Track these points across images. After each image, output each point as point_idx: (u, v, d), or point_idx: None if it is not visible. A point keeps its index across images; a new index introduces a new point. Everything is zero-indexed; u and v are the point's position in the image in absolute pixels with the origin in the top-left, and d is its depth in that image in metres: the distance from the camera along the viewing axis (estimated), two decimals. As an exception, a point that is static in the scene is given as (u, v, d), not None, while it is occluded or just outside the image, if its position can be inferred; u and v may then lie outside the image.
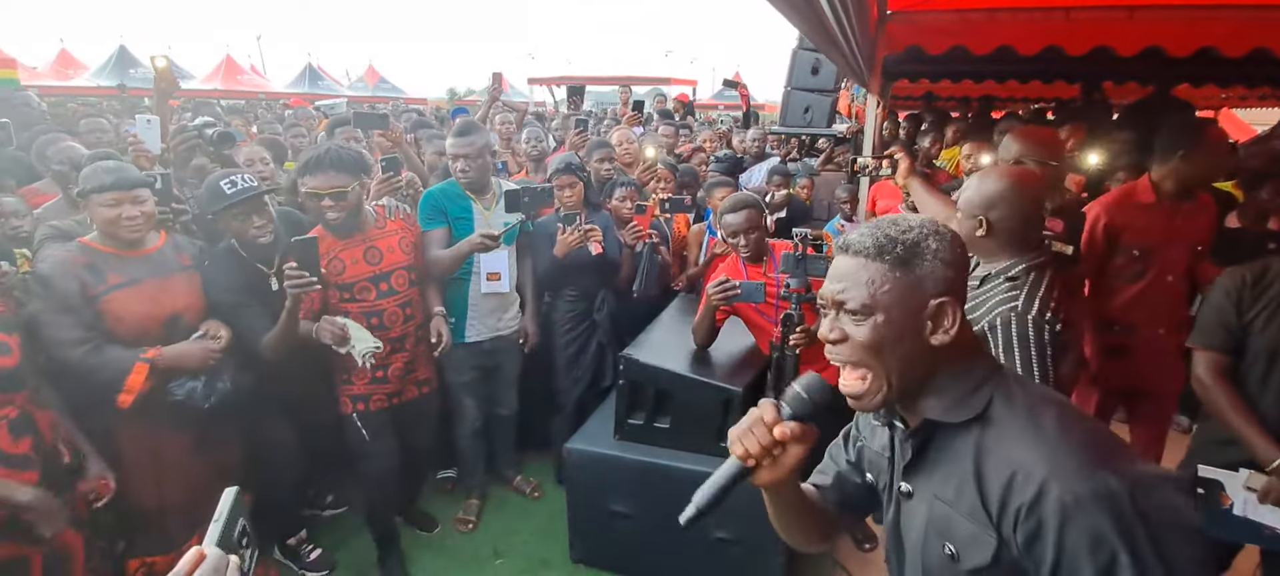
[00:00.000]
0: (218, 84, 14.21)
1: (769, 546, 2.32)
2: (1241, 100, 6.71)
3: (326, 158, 2.21)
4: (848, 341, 0.91)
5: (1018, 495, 0.81)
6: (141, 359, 1.96)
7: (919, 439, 0.94)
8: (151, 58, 2.53)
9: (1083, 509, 0.76)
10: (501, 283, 2.75)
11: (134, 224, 1.99)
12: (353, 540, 2.84)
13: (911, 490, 0.97)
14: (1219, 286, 1.86)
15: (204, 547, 0.73)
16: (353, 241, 2.36)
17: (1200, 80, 4.99)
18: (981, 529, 0.85)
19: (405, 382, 2.54)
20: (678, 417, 2.43)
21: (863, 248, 0.90)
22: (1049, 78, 6.11)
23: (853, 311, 0.90)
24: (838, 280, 0.92)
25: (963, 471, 0.88)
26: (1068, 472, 0.78)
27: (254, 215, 2.19)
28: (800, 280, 2.22)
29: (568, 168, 2.99)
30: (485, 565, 2.73)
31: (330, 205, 2.23)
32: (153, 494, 2.14)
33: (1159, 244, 2.43)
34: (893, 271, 0.89)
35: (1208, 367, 1.84)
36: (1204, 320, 1.88)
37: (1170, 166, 2.38)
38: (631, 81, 8.63)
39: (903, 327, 0.88)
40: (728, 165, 4.45)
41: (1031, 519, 0.79)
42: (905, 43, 3.58)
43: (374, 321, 2.39)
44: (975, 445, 0.87)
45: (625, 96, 6.99)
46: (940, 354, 0.90)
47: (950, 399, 0.90)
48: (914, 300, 0.89)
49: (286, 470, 2.51)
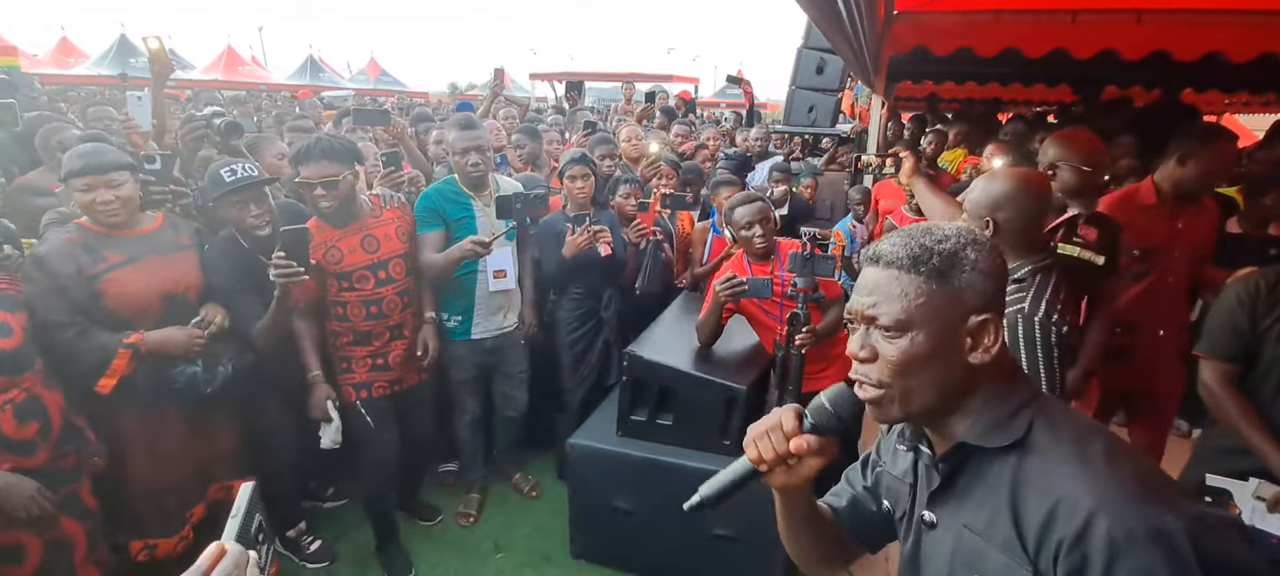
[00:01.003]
0: (218, 74, 14.20)
1: (771, 545, 2.31)
2: (1245, 106, 6.72)
3: (318, 147, 2.21)
4: (877, 360, 0.85)
5: (1061, 527, 0.74)
6: (125, 343, 1.96)
7: (950, 464, 0.87)
8: (144, 38, 2.52)
9: (1136, 545, 0.69)
10: (507, 279, 2.74)
11: (109, 208, 1.98)
12: (354, 532, 2.84)
13: (935, 520, 0.90)
14: (1231, 293, 1.82)
15: (223, 542, 0.73)
16: (349, 230, 2.36)
17: (1204, 85, 5.01)
18: (1016, 562, 0.78)
19: (406, 369, 2.55)
20: (681, 414, 2.43)
21: (896, 258, 0.84)
22: (1053, 81, 6.14)
23: (886, 327, 0.84)
24: (868, 293, 0.86)
25: (997, 500, 0.81)
26: (1119, 506, 0.72)
27: (252, 204, 2.20)
28: (807, 279, 2.22)
29: (582, 159, 2.98)
30: (486, 558, 2.74)
31: (322, 194, 2.23)
32: (151, 476, 2.15)
33: (1160, 246, 2.43)
34: (929, 284, 0.83)
35: (1217, 376, 1.80)
36: (1214, 327, 1.83)
37: (1171, 170, 2.38)
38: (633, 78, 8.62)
39: (939, 345, 0.82)
40: (737, 163, 4.44)
41: (1075, 553, 0.72)
42: (911, 43, 3.58)
43: (372, 309, 2.40)
44: (1013, 473, 0.81)
45: (629, 93, 6.98)
46: (978, 374, 0.84)
47: (987, 422, 0.84)
48: (952, 315, 0.83)
49: (286, 458, 2.52)
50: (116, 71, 11.44)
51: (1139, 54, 3.19)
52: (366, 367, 2.44)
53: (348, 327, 2.42)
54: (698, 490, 0.92)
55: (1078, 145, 2.18)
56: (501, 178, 2.91)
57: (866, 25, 2.68)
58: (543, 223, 2.94)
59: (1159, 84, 5.07)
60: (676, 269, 3.45)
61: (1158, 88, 5.13)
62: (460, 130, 2.68)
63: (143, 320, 2.03)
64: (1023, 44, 3.42)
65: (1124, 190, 2.62)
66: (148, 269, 2.05)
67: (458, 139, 2.66)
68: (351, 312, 2.40)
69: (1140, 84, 5.28)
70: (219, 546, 0.72)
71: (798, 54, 4.74)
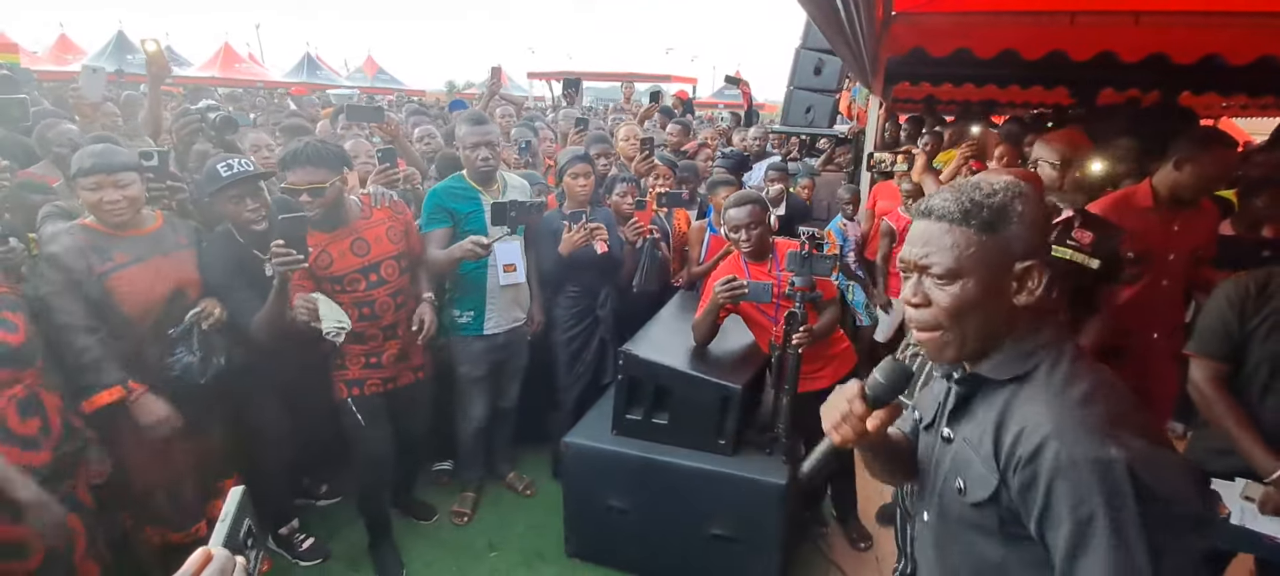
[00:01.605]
0: (216, 72, 14.13)
1: (766, 543, 2.32)
2: (1243, 109, 6.74)
3: (304, 152, 2.18)
4: (930, 306, 0.94)
5: (1021, 447, 0.87)
6: (122, 386, 1.99)
7: (965, 389, 0.99)
8: (142, 41, 2.51)
9: (1076, 468, 0.81)
10: (517, 273, 2.74)
11: (117, 208, 2.00)
12: (347, 530, 2.82)
13: (951, 436, 1.02)
14: (1221, 294, 1.84)
15: (211, 547, 0.72)
16: (339, 234, 2.33)
17: (1202, 88, 5.02)
18: (989, 471, 0.92)
19: (400, 368, 2.53)
20: (676, 413, 2.42)
21: (947, 211, 0.92)
22: (1050, 84, 6.15)
23: (938, 276, 0.92)
24: (921, 244, 0.94)
25: (989, 421, 0.93)
26: (1070, 434, 0.83)
27: (248, 198, 2.21)
28: (805, 279, 2.21)
29: (583, 157, 2.98)
30: (480, 557, 2.72)
31: (308, 201, 2.21)
32: (153, 471, 2.16)
33: (1156, 248, 2.43)
34: (980, 235, 0.90)
35: (1206, 376, 1.83)
36: (1204, 327, 1.86)
37: (1168, 174, 2.38)
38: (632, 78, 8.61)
39: (988, 291, 0.91)
40: (734, 162, 4.44)
41: (1027, 469, 0.85)
42: (909, 44, 3.58)
43: (365, 311, 2.38)
44: (1005, 401, 0.93)
45: (629, 92, 6.97)
46: (1019, 315, 0.93)
47: (1003, 358, 0.95)
48: (1001, 263, 0.91)
49: (279, 455, 2.51)
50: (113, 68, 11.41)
51: (1137, 56, 3.19)
52: (360, 365, 2.43)
53: None
54: (801, 469, 1.10)
55: (1056, 143, 2.23)
56: (510, 175, 2.91)
57: (865, 26, 2.68)
58: (541, 220, 2.93)
59: (1157, 86, 5.08)
60: (673, 268, 3.44)
61: (1156, 90, 5.13)
62: (471, 125, 2.68)
63: (147, 318, 2.07)
64: (1021, 45, 3.42)
65: (1121, 192, 2.62)
66: (154, 268, 2.09)
67: (468, 134, 2.66)
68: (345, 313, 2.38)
69: (1138, 87, 5.29)
70: (205, 551, 0.71)
71: (796, 54, 4.73)
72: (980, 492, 0.93)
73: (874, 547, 2.75)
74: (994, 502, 0.91)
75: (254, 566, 0.78)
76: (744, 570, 2.37)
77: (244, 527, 0.78)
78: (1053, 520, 0.84)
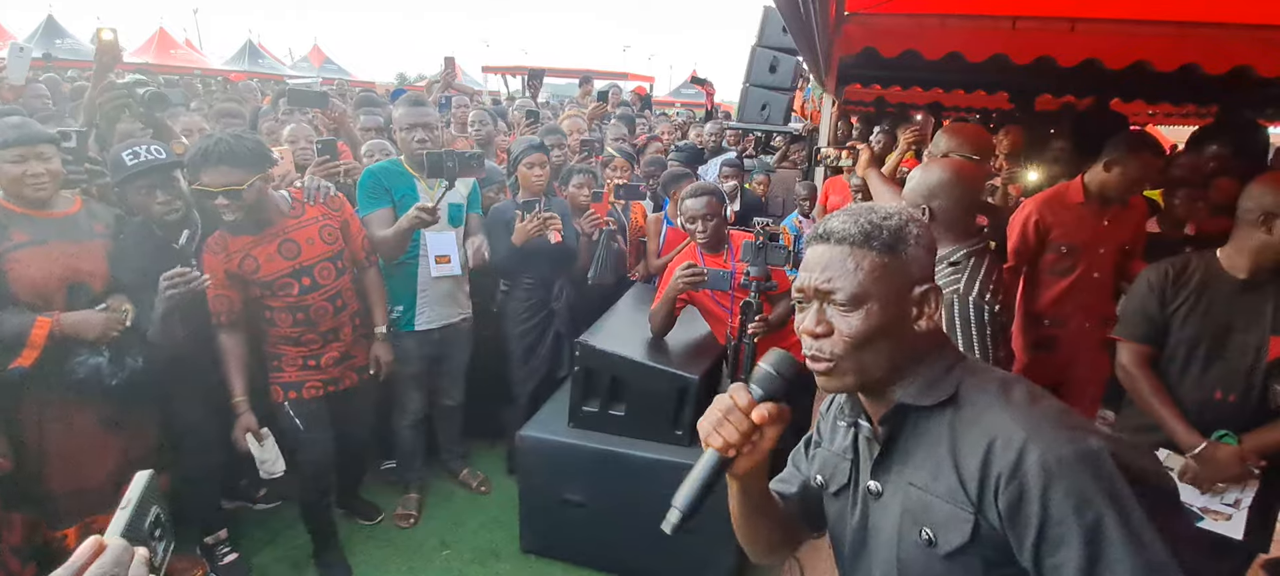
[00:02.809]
0: (149, 58, 13.42)
1: (723, 535, 2.31)
2: (1167, 117, 7.15)
3: (217, 150, 1.98)
4: (833, 334, 0.87)
5: (997, 462, 0.79)
6: (42, 316, 1.87)
7: (889, 427, 0.90)
8: (98, 30, 2.34)
9: (1067, 467, 0.75)
10: (452, 265, 2.65)
11: (38, 181, 1.90)
12: (289, 533, 2.70)
13: (881, 488, 0.93)
14: (1142, 280, 1.95)
15: (105, 537, 0.65)
16: (264, 237, 2.18)
17: (1131, 95, 5.28)
18: (959, 507, 0.82)
19: (341, 369, 2.42)
20: (633, 405, 2.40)
21: (847, 234, 0.87)
22: (992, 89, 6.38)
23: (842, 303, 0.86)
24: (821, 270, 0.88)
25: (939, 454, 0.85)
26: (1047, 435, 0.77)
27: (158, 190, 2.03)
28: (760, 268, 2.23)
29: (539, 146, 2.93)
30: (431, 557, 2.65)
31: (225, 204, 2.02)
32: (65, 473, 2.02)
33: (1086, 242, 2.57)
34: (881, 258, 0.86)
35: (1132, 358, 1.93)
36: (1128, 312, 1.97)
37: (1098, 173, 2.53)
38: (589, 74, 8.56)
39: (891, 316, 0.86)
40: (688, 155, 4.46)
41: (1013, 484, 0.77)
42: (861, 44, 3.64)
43: (299, 317, 2.26)
44: (949, 426, 0.85)
45: (588, 88, 6.92)
46: (919, 341, 0.89)
47: (922, 383, 0.88)
48: (901, 287, 0.87)
49: (207, 460, 2.37)
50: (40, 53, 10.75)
51: (1073, 61, 3.32)
52: (297, 367, 2.32)
53: (276, 332, 2.29)
54: (672, 506, 0.89)
55: (965, 136, 2.35)
56: None
57: (819, 23, 2.71)
58: (492, 210, 2.87)
59: (1091, 92, 5.33)
60: (629, 261, 3.42)
61: (1090, 96, 5.38)
62: (408, 107, 2.60)
63: (45, 309, 1.91)
64: (965, 49, 3.52)
65: (1055, 188, 2.75)
66: (52, 254, 1.94)
67: (405, 115, 2.58)
68: (279, 318, 2.26)
69: (1073, 92, 5.53)
70: (97, 541, 0.64)
71: (752, 52, 4.76)
72: (957, 537, 0.82)
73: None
74: (975, 543, 0.81)
75: (162, 560, 0.71)
76: (701, 560, 2.37)
77: (151, 516, 0.70)
78: (1054, 539, 0.75)
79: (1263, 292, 1.77)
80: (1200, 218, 2.99)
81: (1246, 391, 1.78)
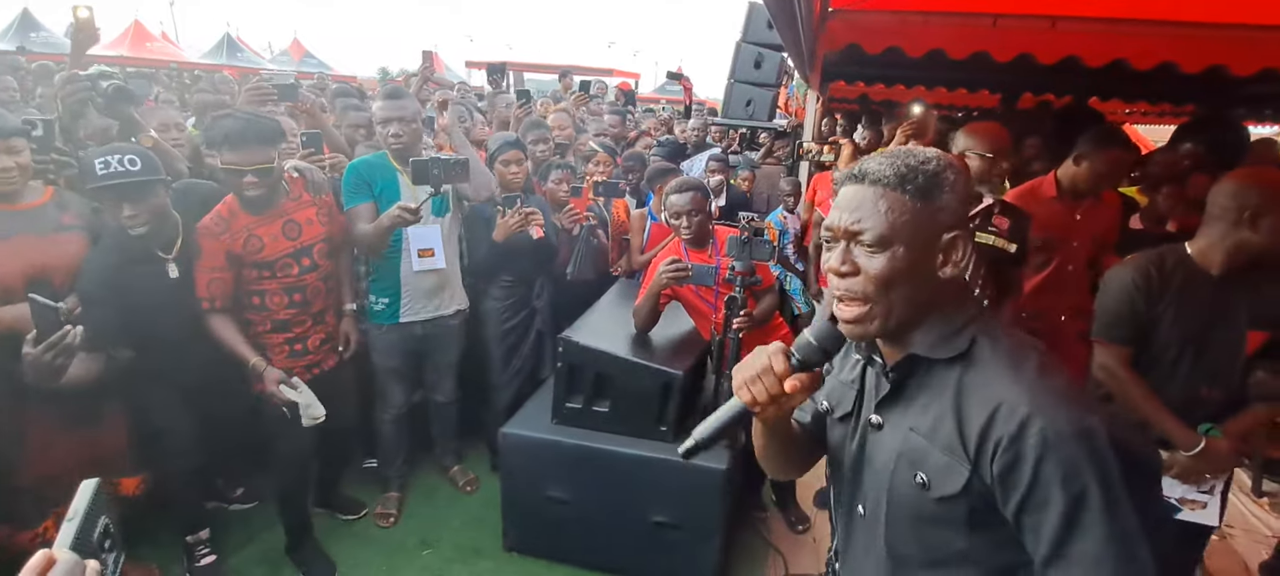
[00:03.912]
0: (124, 50, 13.13)
1: (707, 530, 2.32)
2: (1144, 116, 7.25)
3: (247, 131, 2.07)
4: (859, 274, 0.89)
5: (1000, 428, 0.82)
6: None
7: (900, 373, 0.94)
8: (75, 7, 2.29)
9: (1064, 441, 0.79)
10: (436, 259, 2.60)
11: (7, 176, 1.86)
12: (266, 533, 2.65)
13: (882, 422, 0.97)
14: (1123, 280, 1.88)
15: (55, 549, 0.63)
16: (268, 216, 2.22)
17: (1109, 93, 5.35)
18: (956, 460, 0.86)
19: (324, 352, 2.42)
20: (617, 401, 2.39)
21: (882, 176, 0.87)
22: (974, 87, 6.44)
23: (869, 244, 0.87)
24: (852, 210, 0.89)
25: (942, 406, 0.89)
26: (1050, 409, 0.80)
27: (125, 204, 1.95)
28: (744, 263, 2.22)
29: (515, 143, 2.89)
30: (412, 555, 2.61)
31: (253, 182, 2.11)
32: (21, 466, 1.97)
33: (1060, 236, 2.59)
34: (914, 202, 0.87)
35: (1118, 359, 1.88)
36: (1110, 313, 1.90)
37: (1069, 167, 2.57)
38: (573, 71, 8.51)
39: (917, 261, 0.87)
40: (670, 150, 4.45)
41: (1011, 450, 0.81)
42: (845, 40, 3.65)
43: (297, 297, 2.29)
44: (957, 382, 0.88)
45: (568, 83, 6.88)
46: (941, 290, 0.90)
47: (937, 336, 0.90)
48: (931, 232, 0.87)
49: (183, 460, 2.31)
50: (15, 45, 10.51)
51: (1053, 58, 3.35)
52: (284, 354, 2.31)
53: (266, 316, 2.28)
54: (692, 433, 0.94)
55: (983, 135, 2.35)
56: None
57: (804, 18, 2.71)
58: (474, 208, 2.83)
59: (1070, 90, 5.39)
60: (611, 257, 3.40)
61: (1070, 94, 5.45)
62: (385, 100, 2.58)
63: (4, 302, 1.86)
64: (948, 46, 3.54)
65: (1029, 184, 2.78)
66: (15, 247, 1.88)
67: (381, 109, 2.55)
68: (272, 302, 2.26)
69: (1053, 90, 5.59)
70: (46, 555, 0.61)
71: (736, 48, 4.75)
72: (950, 486, 0.87)
73: (811, 529, 2.80)
74: (965, 494, 0.86)
75: (113, 572, 0.69)
76: (685, 556, 2.36)
77: (99, 527, 0.68)
78: (1038, 501, 0.80)
79: (1236, 288, 1.78)
80: (1181, 214, 3.03)
81: (1228, 385, 1.80)
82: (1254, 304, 1.77)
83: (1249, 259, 1.74)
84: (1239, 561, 2.71)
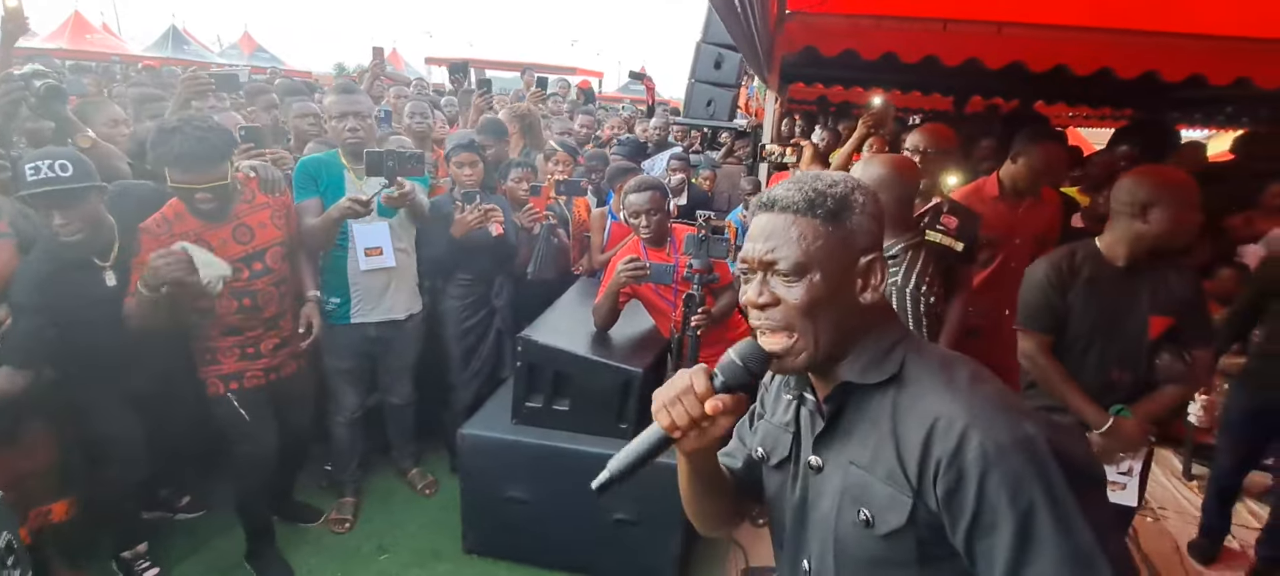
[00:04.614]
0: (63, 43, 12.52)
1: (668, 525, 2.33)
2: (1086, 119, 7.57)
3: (202, 150, 1.97)
4: (779, 304, 0.85)
5: (938, 446, 0.78)
6: None
7: (833, 404, 0.90)
8: None
9: (1003, 456, 0.75)
10: (384, 258, 2.56)
11: None
12: (216, 541, 2.57)
13: (822, 463, 0.92)
14: (1038, 273, 2.02)
15: None
16: (218, 222, 2.14)
17: (1053, 97, 5.57)
18: (898, 491, 0.82)
19: (281, 356, 2.35)
20: (577, 400, 2.38)
21: (791, 203, 0.85)
22: (927, 89, 6.62)
23: (785, 273, 0.84)
24: (765, 239, 0.86)
25: (880, 434, 0.85)
26: (987, 420, 0.77)
27: (56, 211, 1.87)
28: (702, 261, 2.24)
29: (469, 144, 2.85)
30: (369, 560, 2.56)
31: (206, 198, 2.05)
32: None
33: (1002, 234, 2.70)
34: (825, 226, 0.84)
35: (1037, 347, 2.02)
36: (1028, 304, 2.04)
37: (1008, 166, 2.70)
38: (536, 69, 8.46)
39: (836, 286, 0.84)
40: (630, 148, 4.46)
41: (952, 470, 0.77)
42: (802, 42, 3.72)
43: (246, 303, 2.22)
44: (892, 405, 0.84)
45: (529, 80, 6.83)
46: (865, 314, 0.87)
47: (866, 361, 0.87)
48: (846, 257, 0.85)
49: (129, 472, 2.24)
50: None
51: (1000, 63, 3.47)
52: (236, 357, 2.24)
53: (215, 322, 2.20)
54: (606, 466, 0.86)
55: (931, 132, 2.48)
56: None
57: (759, 21, 2.75)
58: (432, 204, 2.79)
59: (1016, 94, 5.59)
60: (573, 256, 3.39)
61: (1017, 98, 5.65)
62: (338, 94, 2.52)
63: None
64: (900, 49, 3.63)
65: (974, 184, 2.89)
66: None
67: (335, 103, 2.50)
68: (220, 306, 2.17)
69: (1002, 94, 5.79)
70: None
71: (697, 48, 4.79)
72: (894, 519, 0.82)
73: (770, 524, 2.84)
74: (911, 526, 0.82)
75: None
76: (646, 552, 2.37)
77: (2, 543, 0.65)
78: (987, 524, 0.75)
79: (1141, 278, 1.91)
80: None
81: (1136, 368, 1.93)
82: (1156, 292, 1.90)
83: (1149, 249, 1.87)
84: (1171, 541, 2.86)
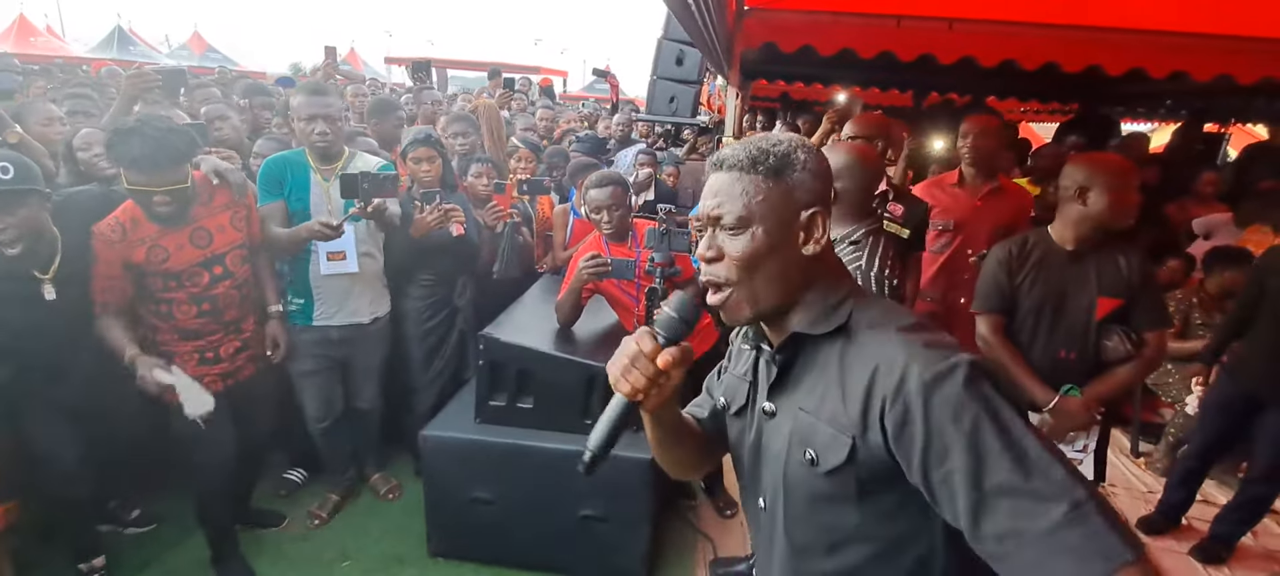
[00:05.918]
0: (9, 47, 11.98)
1: (636, 520, 2.34)
2: (1036, 114, 7.81)
3: (161, 153, 1.91)
4: (724, 258, 0.91)
5: (882, 385, 0.83)
6: None
7: (785, 355, 0.95)
8: None
9: (942, 379, 0.80)
10: (347, 262, 2.50)
11: None
12: (169, 555, 2.49)
13: (775, 409, 0.98)
14: (992, 258, 2.15)
15: None
16: (175, 226, 2.08)
17: (1004, 93, 5.73)
18: (839, 432, 0.88)
19: (240, 360, 2.29)
20: (541, 397, 2.37)
21: (736, 161, 0.91)
22: (885, 86, 6.75)
23: (729, 226, 0.90)
24: (713, 195, 0.92)
25: (827, 380, 0.91)
26: (923, 356, 0.82)
27: None
28: (664, 254, 2.25)
29: (426, 139, 2.79)
30: (331, 568, 2.50)
31: (164, 201, 1.98)
32: None
33: (961, 221, 2.81)
34: (766, 182, 0.90)
35: (989, 327, 2.12)
36: (982, 287, 2.16)
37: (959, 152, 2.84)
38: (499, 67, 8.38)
39: (777, 239, 0.90)
40: (589, 145, 4.45)
41: (897, 405, 0.82)
42: (761, 39, 3.75)
43: (205, 306, 2.15)
44: (839, 354, 0.90)
45: (497, 83, 6.78)
46: (811, 268, 0.93)
47: (816, 313, 0.93)
48: (787, 210, 0.90)
49: (72, 488, 2.16)
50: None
51: (952, 59, 3.56)
52: (194, 363, 2.17)
53: (171, 326, 2.14)
54: (586, 446, 0.92)
55: (866, 121, 2.57)
56: (365, 156, 2.63)
57: (716, 18, 2.77)
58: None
59: (970, 90, 5.75)
60: (536, 254, 3.37)
61: (970, 93, 5.80)
62: (307, 95, 2.44)
63: None
64: (857, 45, 3.70)
65: (939, 175, 2.99)
66: None
67: (303, 105, 2.41)
68: (178, 311, 2.12)
69: (956, 89, 5.95)
70: None
71: (658, 45, 4.81)
72: (835, 458, 0.88)
73: (739, 514, 2.86)
74: (851, 464, 0.87)
75: None
76: (614, 548, 2.37)
77: None
78: (939, 451, 0.78)
79: (1087, 260, 2.01)
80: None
81: (1084, 348, 2.02)
82: (1104, 274, 2.00)
83: (1092, 231, 1.96)
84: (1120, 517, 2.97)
